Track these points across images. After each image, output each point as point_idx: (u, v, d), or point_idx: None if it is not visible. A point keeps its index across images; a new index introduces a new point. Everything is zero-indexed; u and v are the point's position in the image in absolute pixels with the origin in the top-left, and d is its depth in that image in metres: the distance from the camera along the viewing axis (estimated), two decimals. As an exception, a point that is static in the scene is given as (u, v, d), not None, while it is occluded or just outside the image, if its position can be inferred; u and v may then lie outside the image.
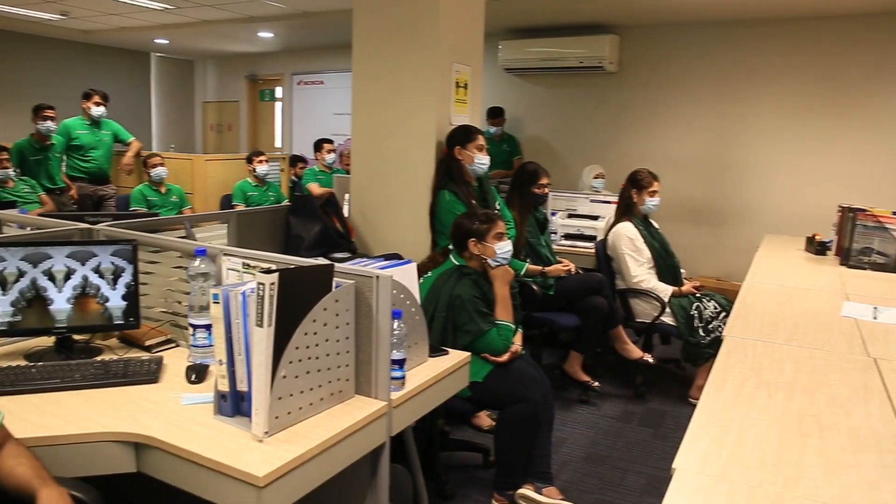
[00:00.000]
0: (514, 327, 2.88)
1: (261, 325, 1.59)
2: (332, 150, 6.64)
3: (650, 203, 4.16)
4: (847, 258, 3.94)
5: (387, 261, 2.39)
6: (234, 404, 1.72)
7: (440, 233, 3.52)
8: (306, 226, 3.63)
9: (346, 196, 3.94)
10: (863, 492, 1.37)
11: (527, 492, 2.76)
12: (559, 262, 4.01)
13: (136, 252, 2.23)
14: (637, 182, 4.18)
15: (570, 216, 5.09)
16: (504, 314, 2.85)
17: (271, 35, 8.35)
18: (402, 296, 2.10)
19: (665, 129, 6.70)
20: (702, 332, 3.85)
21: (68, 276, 2.14)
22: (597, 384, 4.00)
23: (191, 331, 2.06)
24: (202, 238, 3.06)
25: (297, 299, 1.65)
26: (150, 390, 1.91)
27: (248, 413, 1.66)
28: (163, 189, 5.85)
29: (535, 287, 3.80)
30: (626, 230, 4.11)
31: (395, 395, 1.94)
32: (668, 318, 3.97)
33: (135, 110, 9.88)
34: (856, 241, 3.89)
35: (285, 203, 4.76)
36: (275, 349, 1.60)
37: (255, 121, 10.55)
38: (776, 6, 5.66)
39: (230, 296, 1.68)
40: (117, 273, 2.19)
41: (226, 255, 2.16)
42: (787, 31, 6.05)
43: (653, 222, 4.31)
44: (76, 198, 5.99)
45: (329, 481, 1.68)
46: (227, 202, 6.22)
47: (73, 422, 1.69)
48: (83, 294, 2.16)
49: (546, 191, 4.10)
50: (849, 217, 3.96)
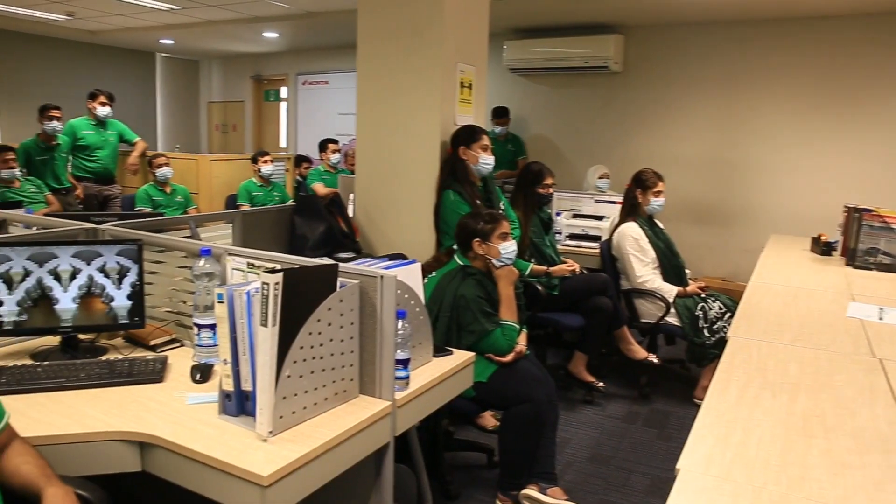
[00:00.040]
0: (518, 327, 2.88)
1: (265, 324, 1.59)
2: (337, 150, 6.65)
3: (655, 203, 4.16)
4: (853, 258, 3.92)
5: (391, 261, 2.40)
6: (239, 404, 1.73)
7: (445, 233, 3.52)
8: (311, 226, 3.63)
9: (351, 196, 3.95)
10: (868, 493, 1.36)
11: (531, 492, 2.75)
12: (564, 262, 4.01)
13: (142, 252, 2.24)
14: (642, 182, 4.18)
15: (575, 216, 5.08)
16: (508, 314, 2.85)
17: (276, 35, 8.37)
18: (406, 296, 2.11)
19: (670, 128, 6.69)
20: (707, 333, 3.84)
21: (74, 276, 2.15)
22: (601, 384, 3.99)
23: (195, 330, 2.06)
24: (207, 238, 3.07)
25: (301, 299, 1.65)
26: (155, 390, 1.92)
27: (252, 413, 1.67)
28: (168, 189, 5.86)
29: (539, 287, 3.79)
30: (631, 230, 4.10)
31: (399, 395, 1.94)
32: (672, 319, 3.96)
33: (140, 110, 9.92)
34: (861, 242, 3.88)
35: (290, 203, 4.77)
36: (279, 349, 1.61)
37: (260, 121, 10.56)
38: (781, 6, 5.65)
39: (235, 295, 1.68)
40: (122, 273, 2.20)
41: (230, 254, 2.16)
42: (792, 31, 6.03)
43: (658, 222, 4.30)
44: (82, 198, 6.01)
45: (333, 481, 1.68)
46: (231, 202, 6.23)
47: (79, 421, 1.70)
48: (88, 294, 2.17)
49: (551, 191, 4.09)
50: (854, 217, 3.95)
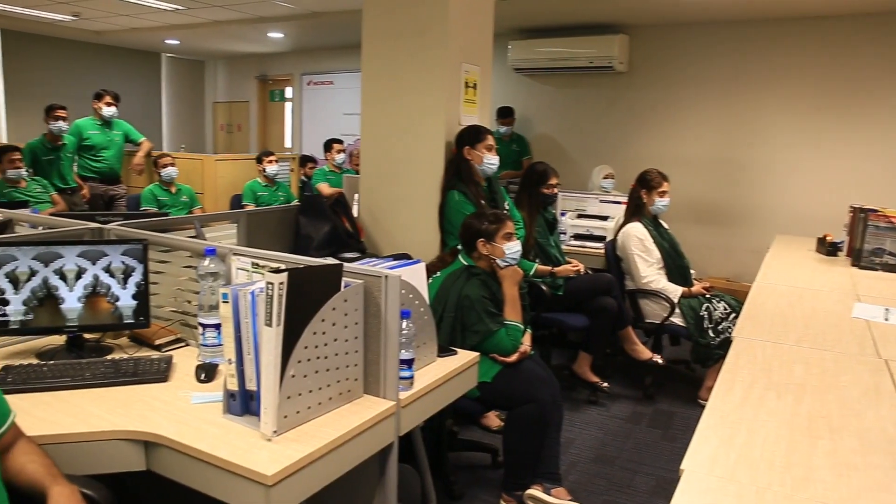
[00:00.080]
0: (522, 328, 2.88)
1: (270, 324, 1.59)
2: (342, 150, 6.65)
3: (660, 203, 4.15)
4: (858, 259, 3.91)
5: (396, 261, 2.39)
6: (243, 403, 1.73)
7: (449, 233, 3.52)
8: (316, 226, 3.63)
9: (356, 196, 3.95)
10: (873, 494, 1.36)
11: (535, 492, 2.75)
12: (568, 262, 4.00)
13: (147, 251, 2.24)
14: (647, 182, 4.17)
15: (580, 216, 5.08)
16: (513, 314, 2.85)
17: (281, 35, 8.38)
18: (410, 296, 2.11)
19: (675, 129, 6.68)
20: (711, 333, 3.83)
21: (79, 276, 2.16)
22: (606, 385, 3.99)
23: (200, 330, 2.07)
24: (212, 238, 3.08)
25: (306, 299, 1.65)
26: (160, 389, 1.92)
27: (256, 412, 1.67)
28: (173, 189, 5.88)
29: (544, 287, 3.79)
30: (636, 230, 4.10)
31: (403, 395, 1.94)
32: (677, 319, 3.96)
33: (146, 110, 9.95)
34: (867, 242, 3.87)
35: (295, 203, 4.77)
36: (283, 348, 1.61)
37: (265, 121, 10.58)
38: (786, 5, 5.63)
39: (239, 295, 1.69)
40: (128, 272, 2.21)
41: (235, 254, 2.17)
42: (798, 31, 6.02)
43: (662, 223, 4.29)
44: (88, 197, 6.03)
45: (337, 481, 1.68)
46: (236, 202, 6.24)
47: (84, 420, 1.70)
48: (94, 293, 2.17)
49: (555, 191, 4.09)
50: (860, 217, 3.94)
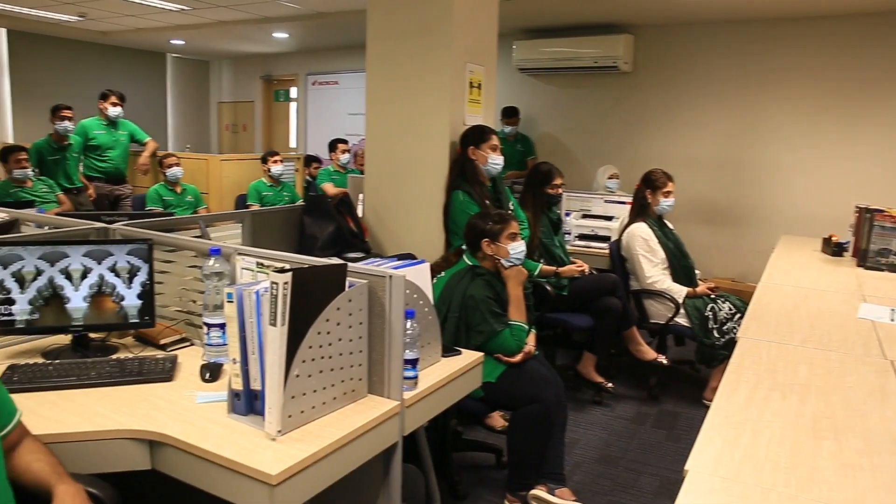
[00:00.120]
0: (527, 328, 2.87)
1: (274, 324, 1.60)
2: (347, 151, 6.66)
3: (665, 203, 4.14)
4: (864, 259, 3.90)
5: (400, 261, 2.40)
6: (248, 403, 1.73)
7: (454, 233, 3.52)
8: (320, 226, 3.64)
9: (360, 196, 3.95)
10: (878, 495, 1.36)
11: (539, 493, 2.75)
12: (573, 262, 4.00)
13: (152, 251, 2.25)
14: (651, 182, 4.16)
15: (585, 216, 5.07)
16: (517, 315, 2.85)
17: (286, 35, 8.40)
18: (415, 296, 2.11)
19: (680, 129, 6.67)
20: (716, 334, 3.82)
21: (85, 275, 2.16)
22: (610, 385, 3.98)
23: (205, 329, 2.07)
24: (217, 237, 3.08)
25: (310, 299, 1.65)
26: (165, 388, 1.93)
27: (261, 412, 1.67)
28: (178, 189, 5.89)
29: (548, 288, 3.79)
30: (641, 231, 4.09)
31: (407, 395, 1.94)
32: (682, 320, 3.95)
33: (151, 110, 9.98)
34: (873, 242, 3.86)
35: (300, 203, 4.78)
36: (288, 348, 1.61)
37: (270, 121, 10.60)
38: (792, 5, 5.62)
39: (244, 295, 1.69)
40: (133, 272, 2.21)
41: (240, 254, 2.17)
42: (803, 31, 6.00)
43: (667, 223, 4.28)
44: (95, 197, 6.05)
45: (341, 480, 1.68)
46: (241, 202, 6.25)
47: (89, 419, 1.71)
48: (99, 293, 2.18)
49: (560, 191, 4.09)
50: (866, 218, 3.92)
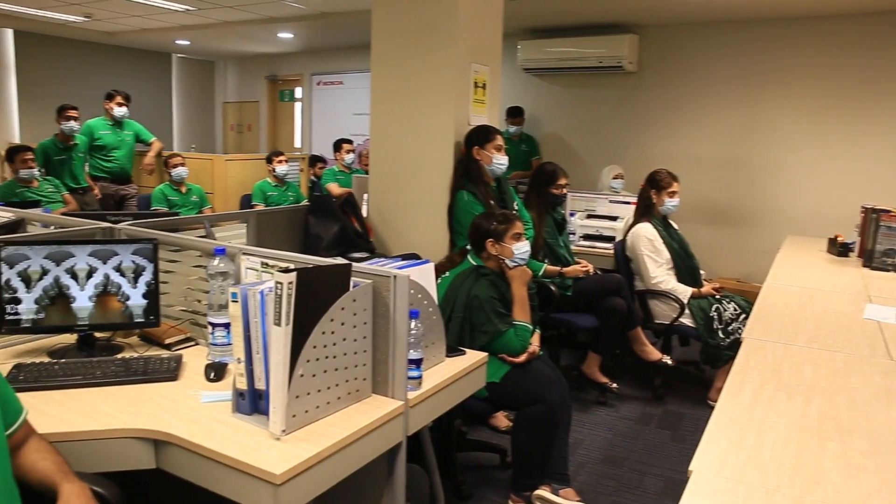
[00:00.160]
0: (531, 328, 2.87)
1: (279, 323, 1.60)
2: (352, 151, 6.67)
3: (669, 204, 4.14)
4: (870, 260, 3.89)
5: (405, 261, 2.40)
6: (252, 402, 1.74)
7: (458, 233, 3.52)
8: (325, 225, 3.64)
9: (365, 196, 3.96)
10: (883, 497, 1.35)
11: (544, 493, 2.75)
12: (577, 262, 4.00)
13: (157, 251, 2.26)
14: (656, 182, 4.16)
15: (589, 217, 5.07)
16: (522, 315, 2.85)
17: (291, 36, 8.41)
18: (419, 296, 2.11)
19: (685, 129, 6.66)
20: (721, 334, 3.81)
21: (90, 275, 2.17)
22: (615, 386, 3.98)
23: (210, 329, 2.08)
24: (222, 237, 3.09)
25: (314, 298, 1.66)
26: (170, 388, 1.93)
27: (265, 411, 1.67)
28: (183, 189, 5.90)
29: (553, 288, 3.79)
30: (645, 231, 4.08)
31: (411, 395, 1.94)
32: (687, 320, 3.94)
33: (156, 111, 10.01)
34: (879, 243, 3.84)
35: (304, 203, 4.79)
36: (292, 348, 1.61)
37: (275, 121, 10.62)
38: (798, 4, 5.60)
39: (249, 295, 1.69)
40: (138, 272, 2.22)
41: (245, 254, 2.18)
42: (809, 30, 5.98)
43: (672, 223, 4.28)
44: (100, 197, 6.07)
45: (345, 480, 1.69)
46: (246, 202, 6.26)
47: (95, 418, 1.72)
48: (105, 292, 2.19)
49: (564, 191, 4.08)
50: (872, 218, 3.91)
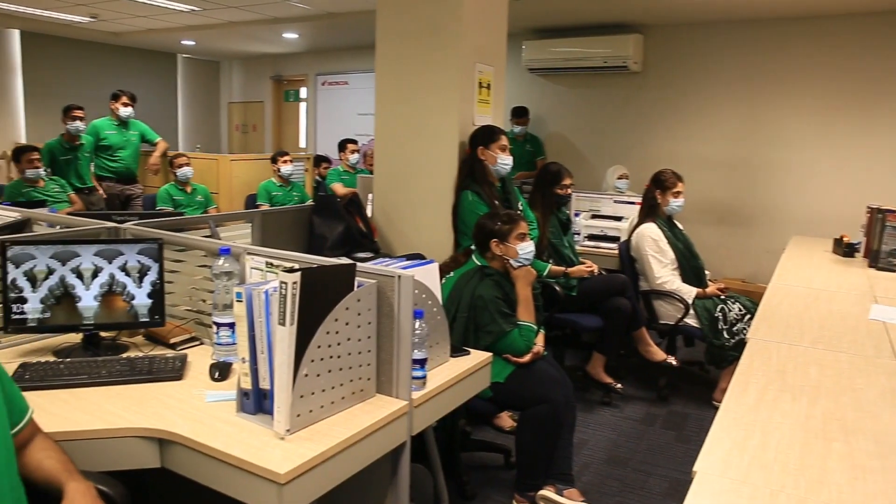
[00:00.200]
0: (536, 328, 2.87)
1: (283, 323, 1.60)
2: (356, 151, 6.68)
3: (674, 204, 4.13)
4: (876, 260, 3.87)
5: (409, 261, 2.40)
6: (257, 402, 1.74)
7: (463, 233, 3.52)
8: (330, 225, 3.65)
9: (370, 196, 3.96)
10: (889, 498, 1.35)
11: (548, 493, 2.75)
12: (582, 262, 4.00)
13: (162, 251, 2.26)
14: (661, 183, 4.15)
15: (594, 217, 5.06)
16: (526, 315, 2.85)
17: (296, 36, 8.42)
18: (423, 296, 2.11)
19: (690, 129, 6.64)
20: (726, 335, 3.81)
21: (96, 274, 2.18)
22: (619, 386, 3.97)
23: (214, 329, 2.08)
24: (226, 237, 3.09)
25: (319, 298, 1.66)
26: (175, 387, 1.94)
27: (270, 411, 1.68)
28: (188, 189, 5.92)
29: (557, 288, 3.78)
30: (650, 231, 4.08)
31: (416, 395, 1.95)
32: (691, 320, 3.94)
33: (162, 111, 10.03)
34: (885, 243, 3.83)
35: (309, 203, 4.79)
36: (297, 348, 1.62)
37: (280, 121, 10.63)
38: (803, 4, 5.58)
39: (253, 294, 1.69)
40: (143, 271, 2.23)
41: (249, 254, 2.18)
42: (814, 30, 5.96)
43: (677, 223, 4.27)
44: (106, 197, 6.08)
45: (350, 479, 1.69)
46: (251, 202, 6.28)
47: (100, 417, 1.72)
48: (110, 292, 2.19)
49: (569, 191, 4.08)
50: (878, 218, 3.90)
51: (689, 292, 3.95)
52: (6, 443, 1.42)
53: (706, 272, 4.20)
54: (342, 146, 6.70)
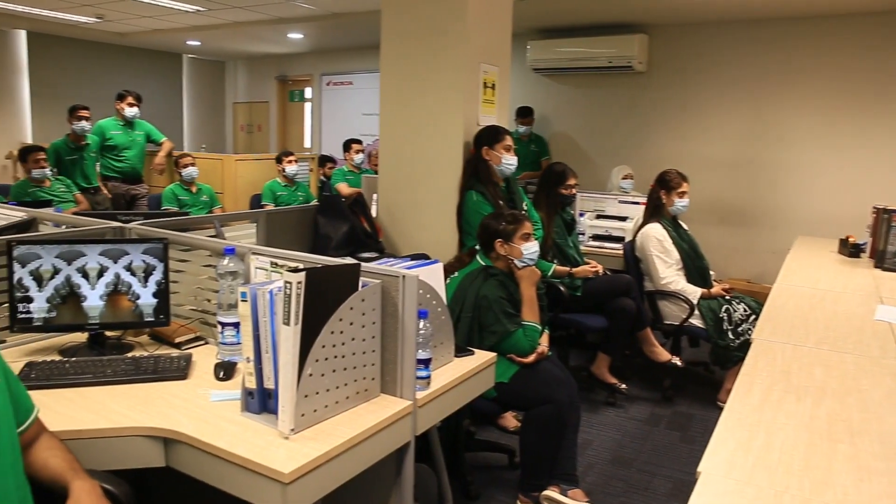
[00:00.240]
0: (540, 328, 2.87)
1: (288, 323, 1.61)
2: (361, 151, 6.68)
3: (679, 204, 4.12)
4: (882, 260, 3.86)
5: (414, 261, 2.40)
6: (261, 401, 1.74)
7: (467, 233, 3.52)
8: (334, 225, 3.65)
9: (374, 196, 3.97)
10: (894, 500, 1.34)
11: (552, 493, 2.75)
12: (586, 263, 3.99)
13: (167, 250, 2.27)
14: (666, 183, 4.14)
15: (599, 217, 5.06)
16: (530, 315, 2.85)
17: (301, 36, 8.43)
18: (428, 296, 2.11)
19: (694, 129, 6.63)
20: (731, 335, 3.80)
21: (101, 274, 2.18)
22: (624, 386, 3.97)
23: (219, 328, 2.09)
24: (231, 237, 3.10)
25: (323, 298, 1.66)
26: (179, 387, 1.94)
27: (274, 410, 1.68)
28: (194, 188, 5.93)
29: (562, 288, 3.78)
30: (655, 231, 4.07)
31: (420, 395, 1.95)
32: (696, 321, 3.93)
33: (167, 111, 10.06)
34: (891, 244, 3.82)
35: (314, 203, 4.80)
36: (301, 347, 1.62)
37: (285, 121, 10.65)
38: (808, 3, 5.57)
39: (258, 294, 1.70)
40: (148, 271, 2.23)
41: (254, 253, 2.19)
42: (819, 30, 5.95)
43: (682, 223, 4.26)
44: (112, 196, 6.11)
45: (354, 479, 1.69)
46: (256, 202, 6.29)
47: (105, 416, 1.73)
48: (115, 291, 2.20)
49: (574, 191, 4.08)
50: (884, 218, 3.89)
51: (694, 293, 3.94)
52: (12, 442, 1.43)
53: (711, 272, 4.19)
54: (347, 146, 6.71)
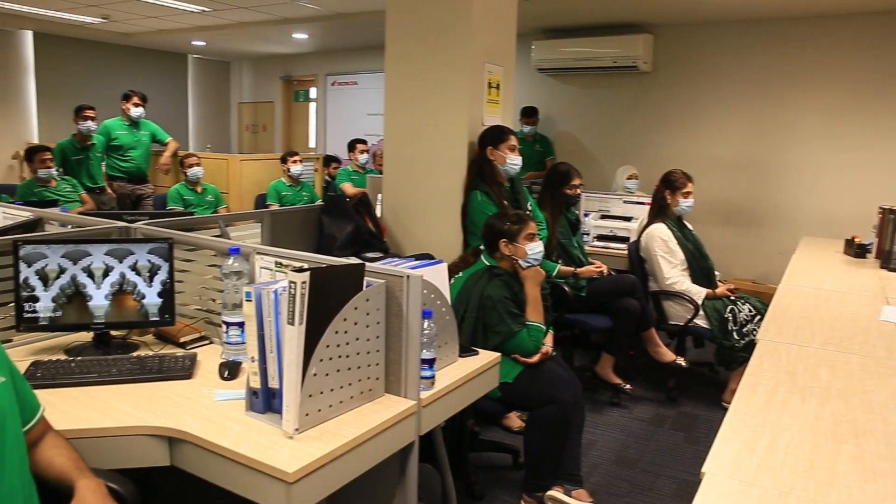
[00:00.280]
0: (544, 328, 2.87)
1: (292, 323, 1.61)
2: (366, 151, 6.69)
3: (684, 204, 4.11)
4: (887, 261, 3.85)
5: (418, 261, 2.40)
6: (266, 401, 1.75)
7: (472, 233, 3.52)
8: (339, 225, 3.66)
9: (379, 196, 3.97)
10: (899, 500, 1.34)
11: (556, 494, 2.74)
12: (591, 263, 3.99)
13: (172, 250, 2.27)
14: (671, 183, 4.14)
15: (603, 217, 5.05)
16: (535, 315, 2.85)
17: (306, 36, 8.44)
18: (432, 296, 2.11)
19: (700, 129, 6.62)
20: (736, 336, 3.79)
21: (106, 273, 2.19)
22: (628, 387, 3.96)
23: (224, 328, 2.09)
24: (236, 237, 3.10)
25: (328, 298, 1.66)
26: (184, 386, 1.95)
27: (279, 410, 1.68)
28: (199, 188, 5.94)
29: (566, 288, 3.78)
30: (660, 231, 4.06)
31: (424, 395, 1.95)
32: (701, 321, 3.92)
33: (172, 111, 10.07)
34: (897, 244, 3.81)
35: (318, 203, 4.80)
36: (306, 347, 1.62)
37: (290, 121, 10.66)
38: (813, 3, 5.55)
39: (263, 294, 1.70)
40: (154, 271, 2.24)
41: (259, 253, 2.19)
42: (824, 29, 5.93)
43: (687, 224, 4.25)
44: (117, 196, 6.12)
45: (358, 479, 1.69)
46: (261, 202, 6.30)
47: (110, 415, 1.73)
48: (121, 291, 2.21)
49: (578, 191, 4.08)
50: (890, 219, 3.88)
51: (699, 293, 3.93)
52: (18, 440, 1.43)
53: (716, 273, 4.18)
54: (351, 146, 6.72)
